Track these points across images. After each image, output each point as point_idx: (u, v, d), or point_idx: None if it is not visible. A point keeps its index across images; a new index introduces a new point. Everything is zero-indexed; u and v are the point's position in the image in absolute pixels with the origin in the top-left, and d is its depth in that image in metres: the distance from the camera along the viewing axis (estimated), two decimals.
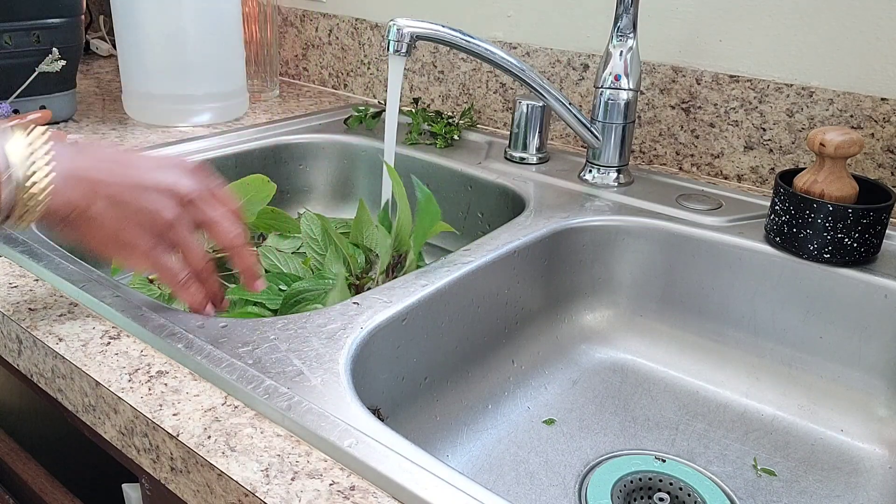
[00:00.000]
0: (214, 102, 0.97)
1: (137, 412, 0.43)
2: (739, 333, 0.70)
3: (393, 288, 0.57)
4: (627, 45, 0.76)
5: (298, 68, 1.25)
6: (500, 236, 0.67)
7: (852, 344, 0.65)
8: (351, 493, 0.38)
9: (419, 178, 0.66)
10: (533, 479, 0.58)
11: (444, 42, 0.70)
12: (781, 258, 0.66)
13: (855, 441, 0.63)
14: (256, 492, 0.37)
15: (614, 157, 0.80)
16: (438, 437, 0.60)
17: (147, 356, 0.48)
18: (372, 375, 0.53)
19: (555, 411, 0.66)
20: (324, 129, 0.98)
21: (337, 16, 1.16)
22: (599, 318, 0.75)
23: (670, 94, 0.86)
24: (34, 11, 0.91)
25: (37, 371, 0.52)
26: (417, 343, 0.58)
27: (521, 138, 0.87)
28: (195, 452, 0.40)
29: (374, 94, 1.15)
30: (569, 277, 0.74)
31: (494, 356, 0.67)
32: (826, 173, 0.64)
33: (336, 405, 0.43)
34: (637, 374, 0.71)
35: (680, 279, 0.72)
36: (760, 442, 0.63)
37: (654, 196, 0.77)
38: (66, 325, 0.51)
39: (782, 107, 0.79)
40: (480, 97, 1.02)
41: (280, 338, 0.49)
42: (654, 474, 0.59)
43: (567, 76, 0.93)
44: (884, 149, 0.75)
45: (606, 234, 0.73)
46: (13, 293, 0.55)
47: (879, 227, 0.63)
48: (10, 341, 0.53)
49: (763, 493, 0.58)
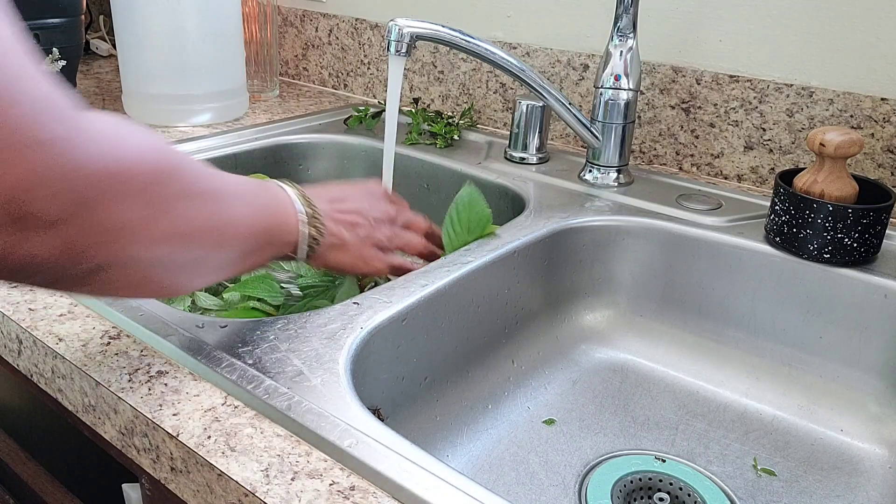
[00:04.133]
0: (214, 102, 0.97)
1: (137, 412, 0.43)
2: (739, 333, 0.70)
3: (393, 288, 0.57)
4: (627, 45, 0.76)
5: (298, 68, 1.25)
6: (500, 236, 0.67)
7: (852, 344, 0.65)
8: (351, 493, 0.38)
9: (419, 177, 0.66)
10: (533, 479, 0.58)
11: (444, 42, 0.70)
12: (781, 258, 0.66)
13: (855, 441, 0.63)
14: (256, 492, 0.37)
15: (614, 157, 0.80)
16: (438, 437, 0.60)
17: (147, 356, 0.48)
18: (372, 375, 0.53)
19: (555, 411, 0.66)
20: (324, 129, 0.98)
21: (337, 16, 1.16)
22: (599, 318, 0.75)
23: (670, 94, 0.86)
24: (34, 11, 0.91)
25: (37, 371, 0.52)
26: (417, 343, 0.58)
27: (521, 138, 0.87)
28: (195, 452, 0.40)
29: (374, 94, 1.15)
30: (569, 277, 0.74)
31: (494, 356, 0.67)
32: (826, 173, 0.64)
33: (336, 405, 0.43)
34: (637, 374, 0.71)
35: (680, 279, 0.72)
36: (760, 442, 0.63)
37: (653, 196, 0.77)
38: (66, 325, 0.51)
39: (782, 107, 0.79)
40: (480, 97, 1.02)
41: (280, 338, 0.49)
42: (654, 474, 0.59)
43: (567, 76, 0.93)
44: (884, 149, 0.75)
45: (606, 234, 0.73)
46: (13, 293, 0.55)
47: (879, 227, 0.63)
48: (10, 341, 0.53)
49: (763, 493, 0.58)
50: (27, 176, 0.30)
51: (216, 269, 0.44)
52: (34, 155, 0.30)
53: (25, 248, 0.31)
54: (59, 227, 0.32)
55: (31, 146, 0.30)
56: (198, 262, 0.42)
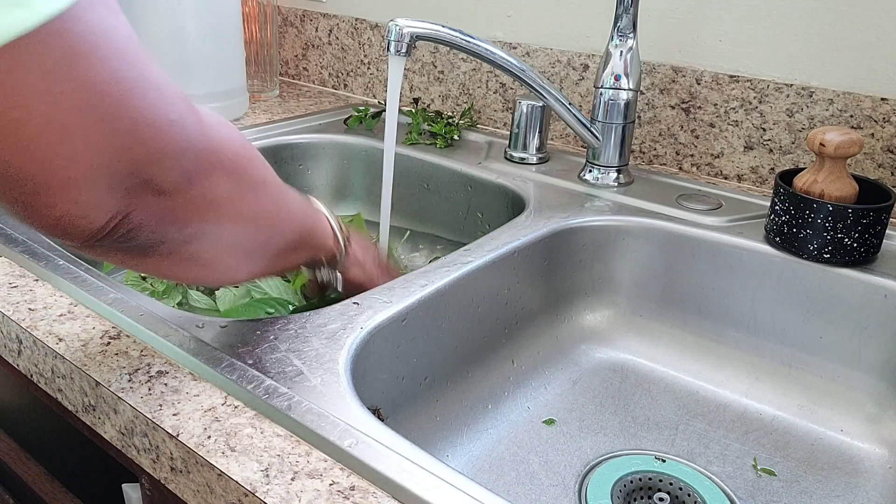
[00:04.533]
0: (214, 102, 0.97)
1: (137, 412, 0.43)
2: (739, 333, 0.70)
3: (393, 288, 0.57)
4: (627, 45, 0.76)
5: (298, 68, 1.25)
6: (500, 236, 0.67)
7: (852, 344, 0.65)
8: (351, 493, 0.38)
9: (419, 177, 0.66)
10: (533, 479, 0.58)
11: (444, 42, 0.70)
12: (781, 258, 0.66)
13: (855, 441, 0.63)
14: (256, 492, 0.37)
15: (614, 157, 0.80)
16: (438, 437, 0.60)
17: (147, 356, 0.48)
18: (372, 375, 0.53)
19: (555, 411, 0.66)
20: (324, 129, 0.98)
21: (337, 16, 1.16)
22: (599, 318, 0.75)
23: (670, 94, 0.86)
24: None
25: (37, 371, 0.52)
26: (417, 343, 0.58)
27: (521, 138, 0.87)
28: (195, 452, 0.40)
29: (374, 94, 1.15)
30: (569, 277, 0.74)
31: (494, 356, 0.67)
32: (826, 173, 0.64)
33: (336, 405, 0.43)
34: (637, 374, 0.71)
35: (680, 279, 0.72)
36: (760, 442, 0.63)
37: (654, 196, 0.77)
38: (66, 325, 0.51)
39: (782, 107, 0.79)
40: (480, 97, 1.02)
41: (280, 338, 0.49)
42: (654, 474, 0.59)
43: (567, 76, 0.93)
44: (884, 149, 0.75)
45: (606, 234, 0.73)
46: (13, 293, 0.55)
47: (879, 227, 0.63)
48: (10, 341, 0.53)
49: (763, 493, 0.58)
50: (161, 149, 0.35)
51: (268, 256, 0.49)
52: (165, 132, 0.35)
53: (141, 211, 0.36)
54: (171, 194, 0.37)
55: (164, 124, 0.35)
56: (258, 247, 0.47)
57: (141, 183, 0.35)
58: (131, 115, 0.34)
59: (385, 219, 0.73)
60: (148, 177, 0.35)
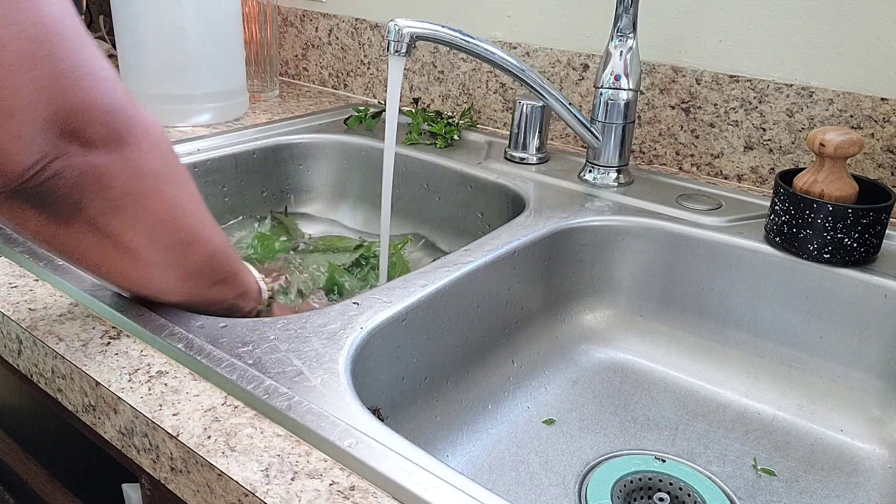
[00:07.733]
0: (214, 102, 0.97)
1: (137, 412, 0.43)
2: (739, 333, 0.70)
3: (393, 288, 0.57)
4: (627, 45, 0.76)
5: (298, 68, 1.25)
6: (500, 236, 0.67)
7: (852, 344, 0.65)
8: (351, 493, 0.38)
9: (419, 177, 0.66)
10: (533, 479, 0.58)
11: (444, 42, 0.70)
12: (781, 258, 0.66)
13: (855, 441, 0.63)
14: (256, 492, 0.37)
15: (614, 157, 0.80)
16: (438, 437, 0.60)
17: (147, 356, 0.48)
18: (372, 375, 0.53)
19: (555, 411, 0.66)
20: (324, 129, 0.98)
21: (337, 16, 1.16)
22: (599, 318, 0.75)
23: (670, 94, 0.86)
24: None
25: (37, 371, 0.52)
26: (417, 343, 0.58)
27: (521, 138, 0.87)
28: (195, 452, 0.40)
29: (374, 94, 1.15)
30: (569, 277, 0.74)
31: (494, 356, 0.67)
32: (826, 173, 0.64)
33: (336, 405, 0.43)
34: (637, 374, 0.71)
35: (680, 279, 0.72)
36: (760, 442, 0.63)
37: (653, 196, 0.77)
38: (66, 325, 0.51)
39: (782, 107, 0.79)
40: (480, 97, 1.02)
41: (280, 338, 0.49)
42: (653, 474, 0.59)
43: (567, 76, 0.93)
44: (884, 149, 0.75)
45: (606, 234, 0.73)
46: (13, 293, 0.55)
47: (879, 227, 0.63)
48: (10, 341, 0.53)
49: (763, 493, 0.58)
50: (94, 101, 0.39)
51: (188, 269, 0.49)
52: (100, 85, 0.39)
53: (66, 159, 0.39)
54: (98, 149, 0.40)
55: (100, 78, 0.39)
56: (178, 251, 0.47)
57: (71, 131, 0.38)
58: (72, 60, 0.37)
59: (385, 219, 0.73)
60: (78, 124, 0.38)
